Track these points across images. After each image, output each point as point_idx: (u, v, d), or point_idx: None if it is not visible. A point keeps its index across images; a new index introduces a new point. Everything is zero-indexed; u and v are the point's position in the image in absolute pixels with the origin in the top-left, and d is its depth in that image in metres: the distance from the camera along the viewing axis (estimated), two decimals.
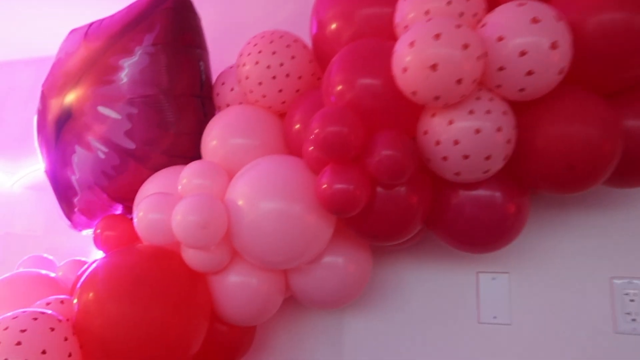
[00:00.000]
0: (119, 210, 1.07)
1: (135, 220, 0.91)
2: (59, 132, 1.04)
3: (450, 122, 0.73)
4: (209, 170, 0.87)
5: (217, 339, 0.95)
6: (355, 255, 0.93)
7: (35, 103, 1.10)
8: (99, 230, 1.02)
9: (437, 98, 0.70)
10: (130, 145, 0.98)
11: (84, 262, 1.12)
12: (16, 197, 1.55)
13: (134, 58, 0.98)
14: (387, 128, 0.76)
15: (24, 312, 0.79)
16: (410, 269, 1.09)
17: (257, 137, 0.93)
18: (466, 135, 0.72)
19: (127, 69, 0.97)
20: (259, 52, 0.94)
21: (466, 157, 0.73)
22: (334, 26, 0.88)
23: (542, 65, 0.69)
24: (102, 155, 1.00)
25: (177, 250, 0.89)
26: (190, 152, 1.01)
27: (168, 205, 0.87)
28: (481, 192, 0.81)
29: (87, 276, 0.87)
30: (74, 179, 1.05)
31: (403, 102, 0.74)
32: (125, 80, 0.97)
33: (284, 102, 0.95)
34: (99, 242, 1.03)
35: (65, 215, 1.13)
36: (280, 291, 0.93)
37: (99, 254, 1.03)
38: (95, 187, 1.03)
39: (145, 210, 0.89)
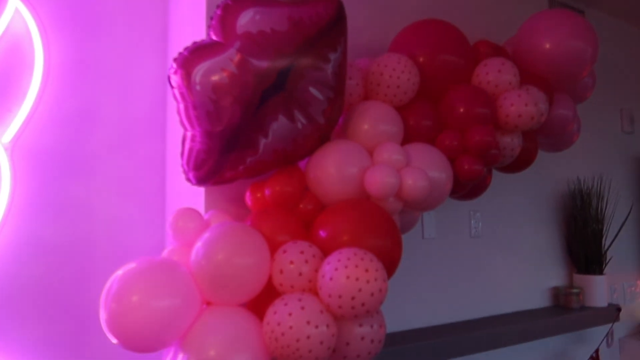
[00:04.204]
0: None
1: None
2: (263, 99, 1.17)
3: None
4: (401, 149, 1.32)
5: None
6: None
7: None
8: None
9: None
10: (322, 121, 1.26)
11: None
12: None
13: (336, 54, 1.25)
14: None
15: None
16: None
17: (397, 125, 1.41)
18: None
19: (332, 62, 1.24)
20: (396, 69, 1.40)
21: None
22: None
23: None
24: (300, 126, 1.23)
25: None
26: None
27: (361, 167, 1.28)
28: None
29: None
30: (263, 141, 1.20)
31: None
32: (330, 70, 1.24)
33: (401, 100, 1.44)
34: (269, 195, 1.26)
35: (209, 169, 1.22)
36: None
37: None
38: (280, 151, 1.23)
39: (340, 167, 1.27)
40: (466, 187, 1.57)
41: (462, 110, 1.45)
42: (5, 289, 1.53)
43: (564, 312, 2.25)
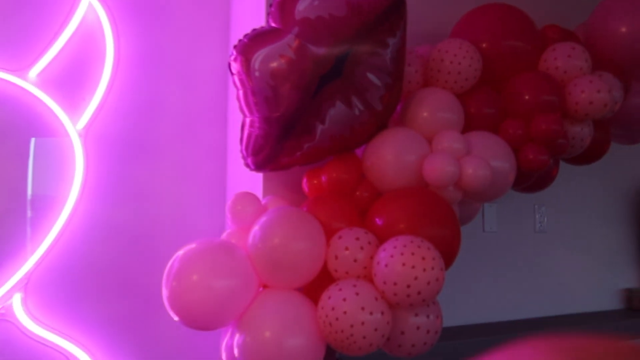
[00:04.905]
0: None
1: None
2: (320, 85, 1.17)
3: None
4: (461, 137, 1.29)
5: None
6: None
7: None
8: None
9: None
10: (379, 107, 1.24)
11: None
12: None
13: (395, 40, 1.23)
14: None
15: None
16: None
17: (457, 112, 1.37)
18: None
19: (391, 48, 1.22)
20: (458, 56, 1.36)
21: None
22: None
23: None
24: (357, 112, 1.22)
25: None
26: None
27: (420, 155, 1.25)
28: None
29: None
30: (320, 128, 1.20)
31: None
32: (389, 56, 1.22)
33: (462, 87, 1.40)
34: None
35: (267, 155, 1.23)
36: None
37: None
38: (337, 137, 1.23)
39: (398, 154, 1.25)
40: (530, 179, 1.50)
41: (527, 97, 1.39)
42: (76, 269, 1.63)
43: (637, 315, 2.11)
